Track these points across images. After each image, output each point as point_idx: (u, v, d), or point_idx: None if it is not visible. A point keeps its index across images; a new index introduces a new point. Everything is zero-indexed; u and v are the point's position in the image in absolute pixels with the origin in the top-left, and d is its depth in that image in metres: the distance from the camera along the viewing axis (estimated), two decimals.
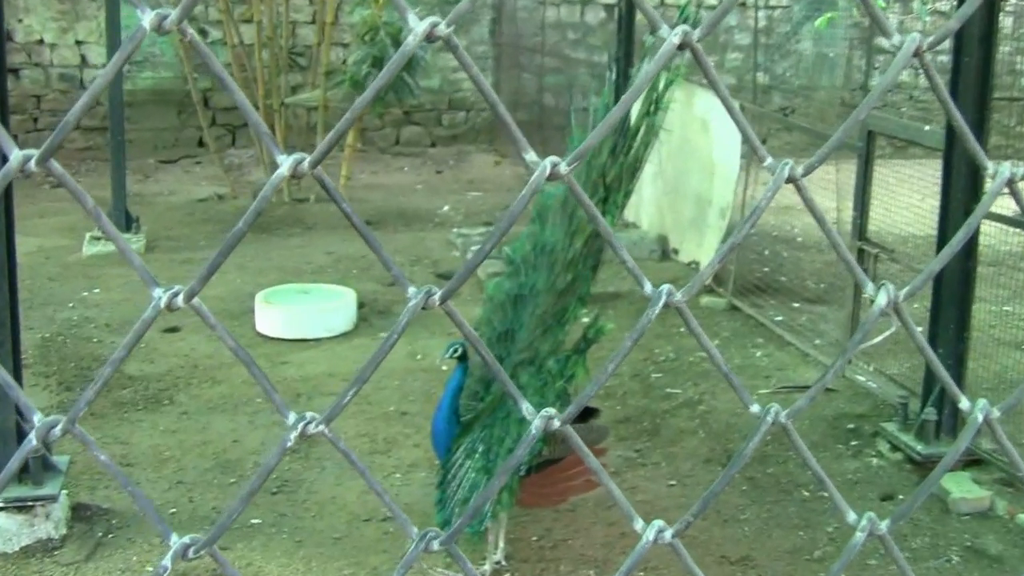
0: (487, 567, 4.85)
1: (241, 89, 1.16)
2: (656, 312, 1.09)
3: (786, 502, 5.58)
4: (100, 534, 5.11)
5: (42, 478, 5.07)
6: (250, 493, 1.06)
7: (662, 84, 4.74)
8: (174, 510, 5.38)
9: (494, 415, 4.63)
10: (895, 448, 6.02)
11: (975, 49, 5.68)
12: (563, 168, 1.01)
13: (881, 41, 10.27)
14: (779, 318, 8.07)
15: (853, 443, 6.22)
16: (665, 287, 1.10)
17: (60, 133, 0.94)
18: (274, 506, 5.39)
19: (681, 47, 1.03)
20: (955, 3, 6.78)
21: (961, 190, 5.77)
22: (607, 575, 4.91)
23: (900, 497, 5.65)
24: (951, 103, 1.14)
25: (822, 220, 1.11)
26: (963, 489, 5.54)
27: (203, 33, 12.68)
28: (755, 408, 1.17)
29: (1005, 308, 7.16)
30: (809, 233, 9.82)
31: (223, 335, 1.01)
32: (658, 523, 1.16)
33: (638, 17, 9.59)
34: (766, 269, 8.92)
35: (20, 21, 12.78)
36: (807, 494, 5.65)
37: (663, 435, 6.30)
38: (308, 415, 1.06)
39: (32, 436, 0.98)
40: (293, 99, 11.87)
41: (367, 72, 10.32)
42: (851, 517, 1.21)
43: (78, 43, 13.01)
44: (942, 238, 5.90)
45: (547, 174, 1.01)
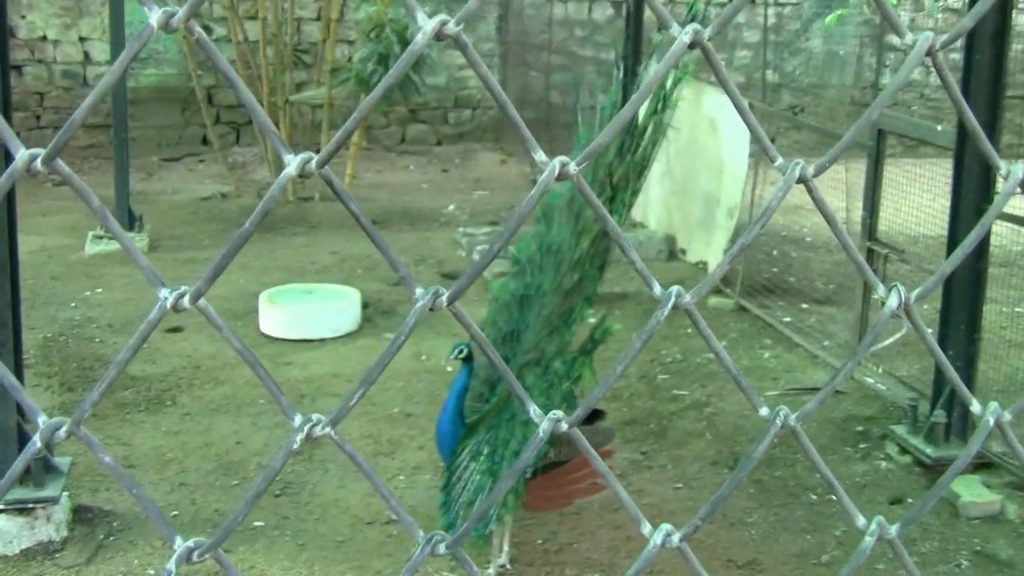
0: (491, 571, 4.85)
1: (246, 87, 1.16)
2: (665, 314, 1.09)
3: (794, 505, 5.57)
4: (101, 536, 5.11)
5: (43, 480, 5.06)
6: (255, 496, 1.06)
7: (670, 82, 4.74)
8: (176, 512, 5.38)
9: (499, 417, 4.63)
10: (904, 451, 6.01)
11: (987, 47, 5.67)
12: (572, 168, 1.01)
13: (892, 39, 10.25)
14: (787, 319, 8.06)
15: (862, 446, 6.21)
16: (674, 289, 1.10)
17: (66, 132, 0.94)
18: (277, 508, 5.39)
19: (692, 46, 1.03)
20: (967, 0, 6.76)
21: (972, 189, 5.76)
22: None
23: (909, 501, 5.64)
24: (964, 103, 1.14)
25: (833, 221, 1.11)
26: (973, 493, 5.53)
27: (207, 30, 12.68)
28: (764, 411, 1.17)
29: (1016, 309, 7.14)
30: (818, 233, 9.80)
31: (229, 337, 1.01)
32: (666, 527, 1.16)
33: (646, 14, 9.58)
34: (775, 269, 8.91)
35: (23, 17, 12.79)
36: (815, 497, 5.64)
37: (670, 437, 6.30)
38: (314, 417, 1.06)
39: (36, 438, 0.98)
40: (298, 97, 11.88)
41: (372, 69, 10.32)
42: (860, 521, 1.21)
43: (81, 40, 13.03)
44: (953, 238, 5.89)
45: (556, 174, 1.02)
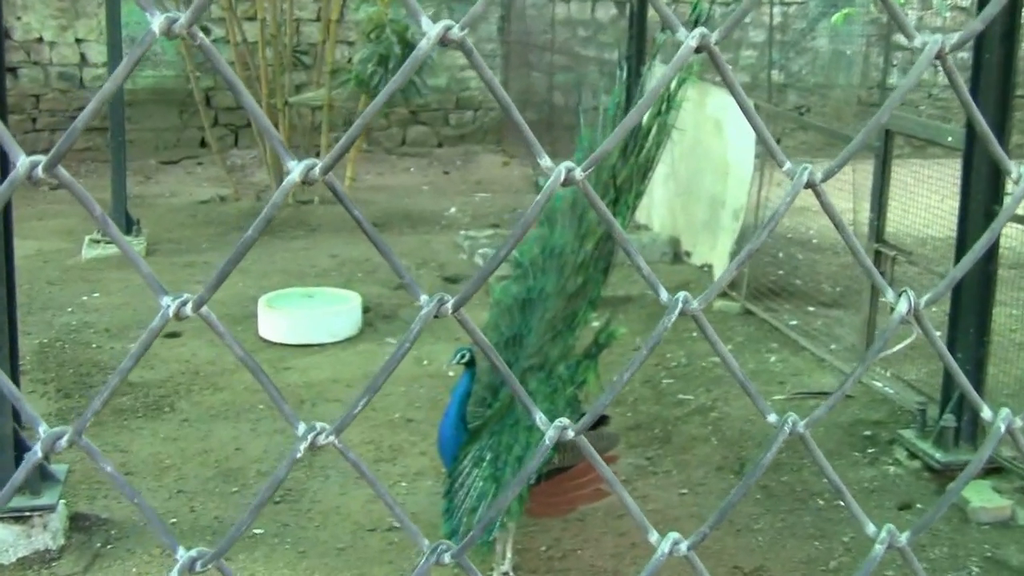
0: None
1: (248, 92, 1.16)
2: (672, 320, 1.09)
3: (801, 511, 5.57)
4: (99, 545, 5.11)
5: (40, 487, 5.06)
6: (259, 505, 1.06)
7: (674, 83, 4.74)
8: (175, 520, 5.39)
9: (502, 422, 4.62)
10: (913, 456, 6.01)
11: (996, 46, 5.67)
12: (578, 174, 1.01)
13: (900, 38, 10.25)
14: (794, 322, 8.06)
15: (870, 450, 6.21)
16: (681, 295, 1.10)
17: (68, 139, 0.94)
18: (277, 516, 5.39)
19: (698, 50, 1.04)
20: None
21: (981, 191, 5.76)
22: None
23: (918, 506, 5.64)
24: (974, 107, 1.14)
25: (841, 226, 1.12)
26: (983, 498, 5.53)
27: (205, 31, 12.70)
28: (772, 418, 1.17)
29: None
30: (825, 235, 9.81)
31: (232, 344, 1.01)
32: (673, 535, 1.17)
33: (650, 14, 9.59)
34: (781, 272, 8.91)
35: (19, 19, 12.80)
36: (822, 503, 5.64)
37: (675, 442, 6.30)
38: (318, 425, 1.07)
39: (37, 448, 0.99)
40: (297, 98, 11.88)
41: (372, 71, 10.33)
42: (871, 529, 1.21)
43: (78, 41, 13.04)
44: (961, 240, 5.89)
45: (562, 180, 1.02)
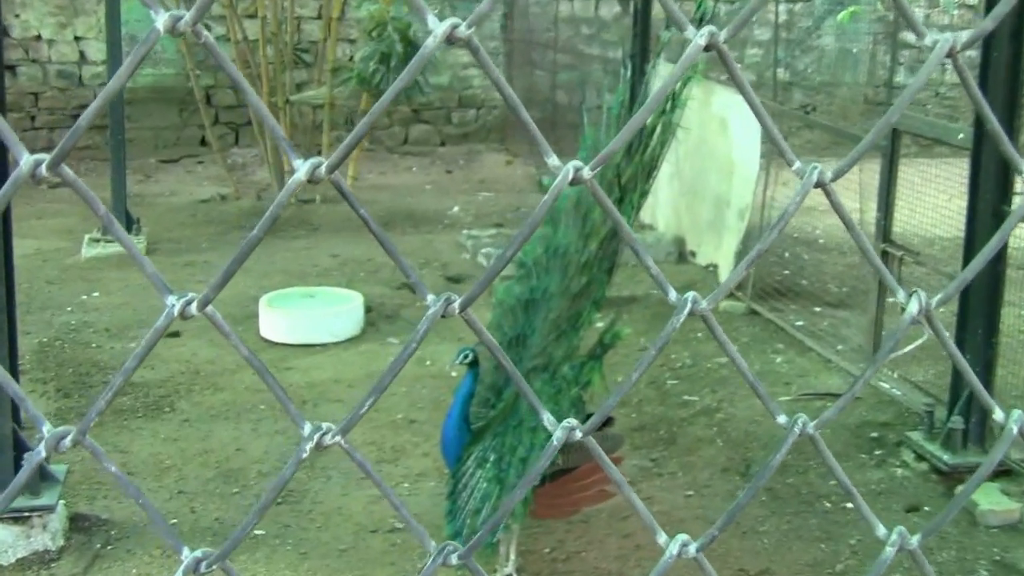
0: None
1: (254, 91, 1.16)
2: (681, 321, 1.09)
3: (807, 513, 5.57)
4: (99, 545, 5.12)
5: (39, 488, 5.06)
6: (264, 506, 1.06)
7: (679, 81, 4.74)
8: (175, 521, 5.39)
9: (506, 423, 4.62)
10: (920, 458, 6.01)
11: (1005, 45, 5.67)
12: (586, 173, 1.01)
13: (907, 36, 10.24)
14: (800, 323, 8.06)
15: (877, 452, 6.21)
16: (690, 295, 1.10)
17: (72, 137, 0.94)
18: (278, 517, 5.39)
19: (707, 48, 1.04)
20: None
21: (990, 190, 5.76)
22: None
23: (926, 509, 5.63)
24: (985, 104, 1.14)
25: (851, 225, 1.12)
26: (991, 501, 5.52)
27: (206, 28, 12.68)
28: (782, 418, 1.17)
29: None
30: (831, 235, 9.80)
31: (237, 344, 1.01)
32: (682, 537, 1.17)
33: (655, 11, 9.58)
34: (786, 272, 8.90)
35: (17, 16, 12.81)
36: (829, 505, 5.64)
37: (680, 444, 6.30)
38: (324, 425, 1.07)
39: (41, 448, 0.99)
40: (298, 97, 11.89)
41: (374, 69, 10.33)
42: (881, 531, 1.21)
43: (77, 39, 13.04)
44: (970, 240, 5.89)
45: (570, 178, 1.02)
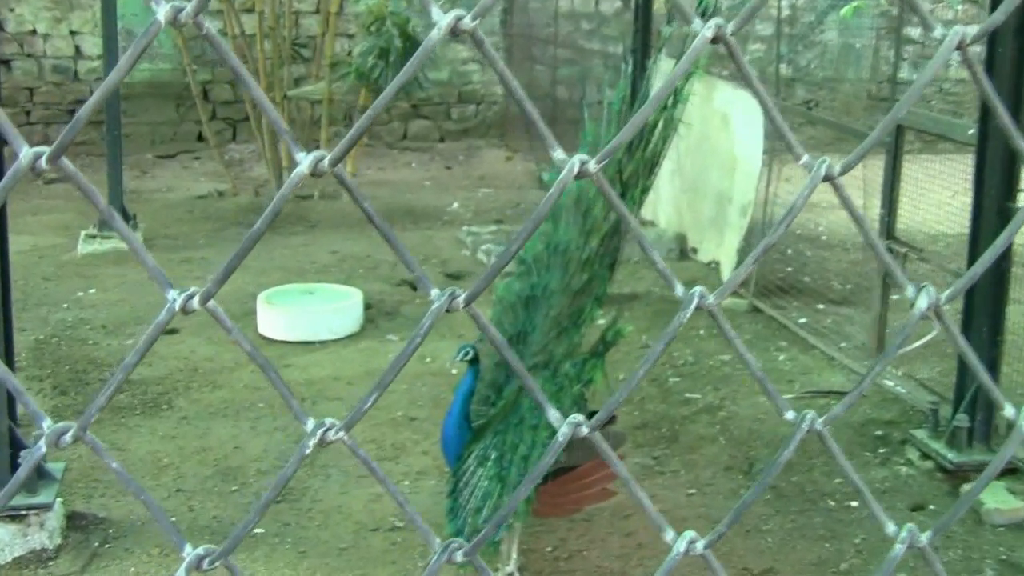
0: None
1: (256, 84, 1.16)
2: (688, 315, 1.09)
3: (811, 512, 5.57)
4: (96, 544, 5.12)
5: (36, 486, 5.05)
6: (266, 502, 1.06)
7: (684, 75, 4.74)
8: (173, 519, 5.39)
9: (507, 421, 4.62)
10: (925, 456, 6.01)
11: (1010, 40, 5.66)
12: (592, 166, 1.01)
13: (910, 31, 10.23)
14: (803, 320, 8.06)
15: (881, 451, 6.21)
16: (697, 289, 1.10)
17: (71, 130, 0.94)
18: (278, 515, 5.39)
19: (714, 41, 1.03)
20: None
21: (995, 186, 5.75)
22: None
23: (931, 507, 5.63)
24: (996, 100, 1.14)
25: (860, 220, 1.12)
26: (997, 499, 5.52)
27: (199, 28, 12.67)
28: (790, 414, 1.17)
29: None
30: (834, 232, 9.80)
31: (240, 339, 1.01)
32: (689, 533, 1.17)
33: (656, 6, 9.57)
34: (789, 269, 8.90)
35: (11, 10, 12.81)
36: (833, 504, 5.64)
37: (682, 442, 6.30)
38: (327, 421, 1.07)
39: (42, 443, 0.99)
40: (296, 92, 11.88)
41: (373, 64, 10.32)
42: (890, 528, 1.21)
43: (72, 33, 13.04)
44: (975, 237, 5.89)
45: (575, 172, 1.02)
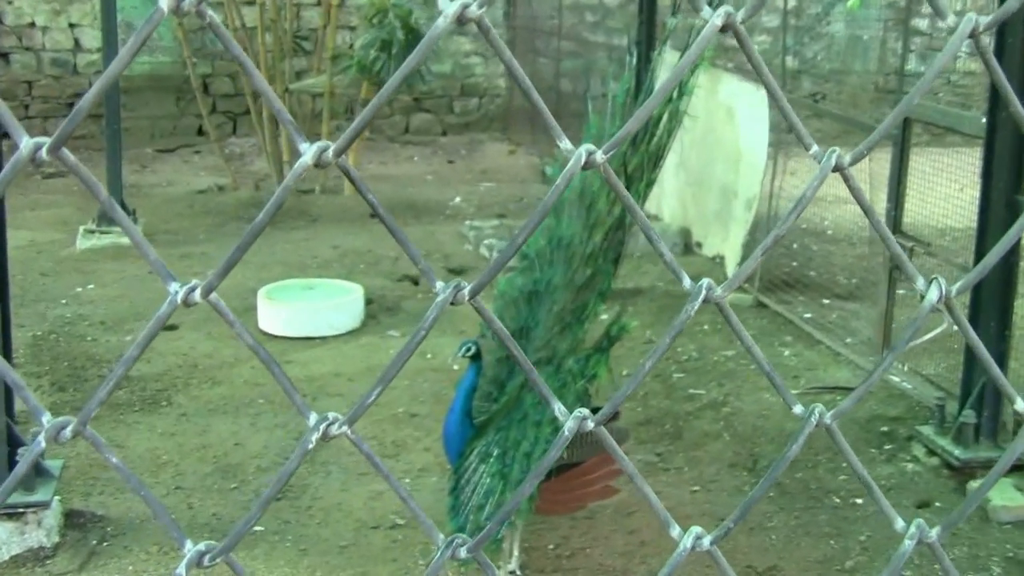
0: None
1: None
2: (696, 308, 1.09)
3: (816, 509, 5.57)
4: (94, 542, 5.12)
5: (33, 483, 5.04)
6: (268, 498, 1.06)
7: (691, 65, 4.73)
8: (172, 516, 5.39)
9: (509, 417, 4.62)
10: (931, 452, 6.00)
11: (1020, 29, 5.64)
12: (599, 157, 1.01)
13: (918, 23, 10.21)
14: (808, 315, 8.05)
15: (887, 447, 6.21)
16: (705, 281, 1.10)
17: (72, 121, 0.94)
18: (278, 513, 5.39)
19: (723, 29, 1.03)
20: None
21: (1003, 179, 5.74)
22: None
23: (937, 504, 5.63)
24: (1010, 89, 1.14)
25: (870, 211, 1.11)
26: (1004, 496, 5.52)
27: (201, 16, 12.68)
28: (798, 409, 1.17)
29: None
30: (840, 226, 9.78)
31: (242, 333, 1.01)
32: (696, 529, 1.16)
33: None
34: (794, 263, 8.89)
35: (10, 3, 12.81)
36: (838, 501, 5.64)
37: (686, 438, 6.30)
38: (330, 416, 1.07)
39: (41, 438, 0.99)
40: (297, 85, 11.88)
41: (375, 56, 10.31)
42: (899, 524, 1.21)
43: (71, 26, 13.04)
44: (982, 231, 5.88)
45: (583, 163, 1.02)
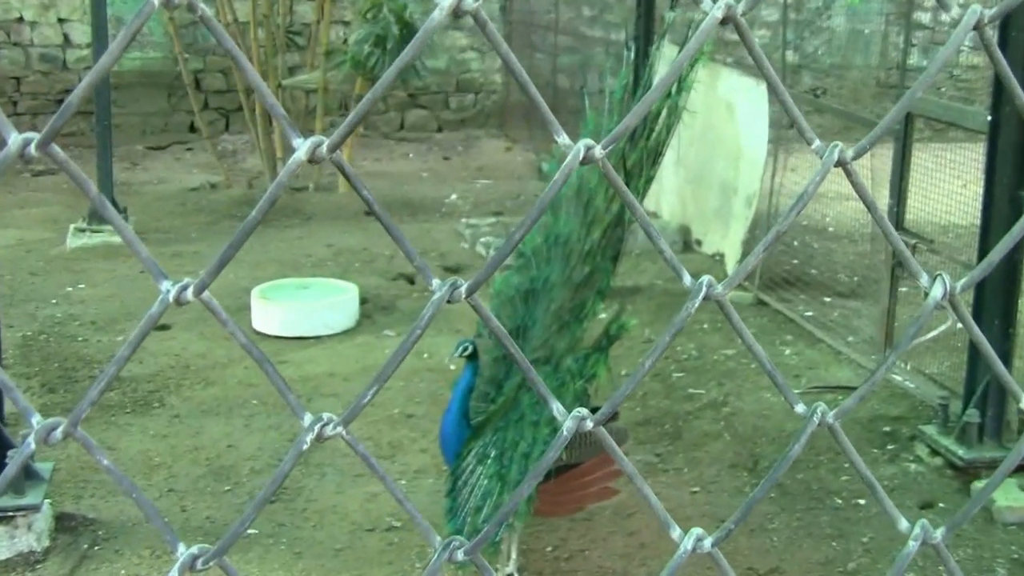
0: None
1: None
2: (696, 305, 1.09)
3: (818, 510, 5.57)
4: (85, 546, 5.11)
5: (23, 486, 5.04)
6: (262, 500, 1.06)
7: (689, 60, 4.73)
8: (165, 519, 5.38)
9: (507, 417, 4.62)
10: (935, 452, 6.00)
11: None
12: (598, 152, 1.00)
13: (920, 16, 10.22)
14: (809, 313, 8.05)
15: (889, 447, 6.21)
16: (705, 278, 1.10)
17: (62, 116, 0.94)
18: (272, 515, 5.39)
19: (724, 21, 1.03)
20: None
21: (1007, 175, 5.75)
22: None
23: (940, 505, 5.64)
24: (1013, 79, 1.13)
25: (872, 206, 1.11)
26: (1010, 497, 5.52)
27: (192, 9, 12.67)
28: (800, 408, 1.17)
29: None
30: (841, 223, 9.79)
31: (235, 332, 1.01)
32: (696, 531, 1.16)
33: None
34: (795, 261, 8.89)
35: None
36: (840, 502, 5.64)
37: (685, 438, 6.30)
38: (325, 416, 1.07)
39: (31, 440, 0.98)
40: (291, 81, 11.87)
41: (369, 52, 10.31)
42: (903, 525, 1.21)
43: (60, 21, 13.03)
44: (986, 227, 5.88)
45: (581, 158, 1.01)
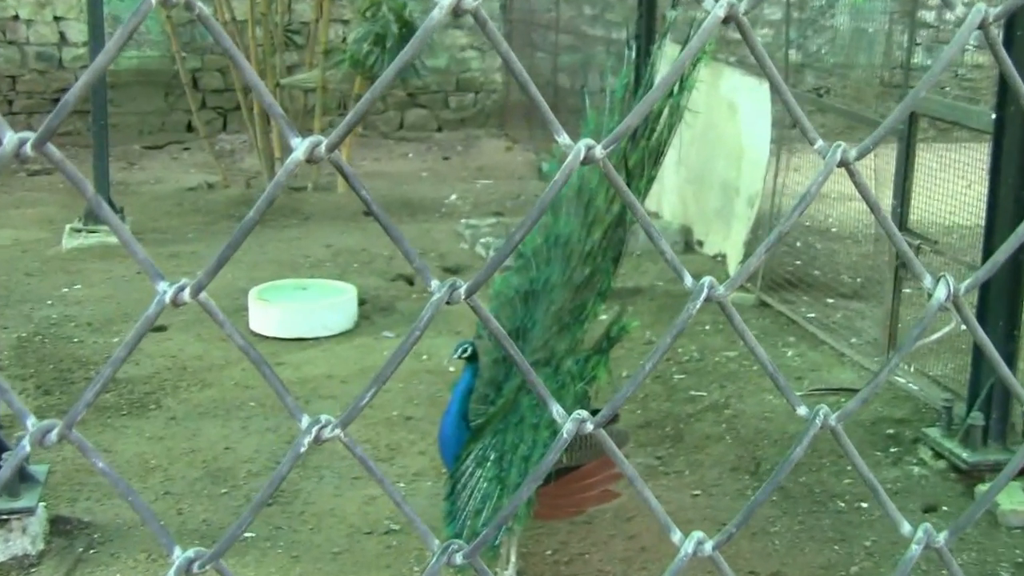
0: None
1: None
2: (698, 307, 1.09)
3: (820, 514, 5.57)
4: (80, 550, 5.11)
5: (18, 489, 5.03)
6: (260, 502, 1.06)
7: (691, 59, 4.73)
8: (161, 522, 5.38)
9: (507, 420, 4.62)
10: (938, 455, 6.01)
11: None
12: (599, 151, 1.00)
13: (924, 15, 10.21)
14: (812, 315, 8.05)
15: (893, 450, 6.21)
16: (707, 280, 1.10)
17: (58, 115, 0.94)
18: (269, 518, 5.39)
19: (726, 21, 1.03)
20: None
21: (1012, 176, 5.75)
22: None
23: (944, 508, 5.64)
24: (1018, 78, 1.13)
25: (876, 206, 1.11)
26: (1013, 501, 5.52)
27: (189, 8, 12.68)
28: (803, 410, 1.17)
29: None
30: (844, 224, 9.78)
31: (232, 333, 1.01)
32: (697, 534, 1.16)
33: None
34: (798, 262, 8.89)
35: None
36: (842, 505, 5.64)
37: (687, 441, 6.30)
38: (323, 418, 1.07)
39: (26, 442, 0.98)
40: (289, 80, 11.87)
41: (368, 51, 10.31)
42: (906, 528, 1.21)
43: (56, 19, 13.03)
44: (990, 228, 5.88)
45: (582, 158, 1.01)
